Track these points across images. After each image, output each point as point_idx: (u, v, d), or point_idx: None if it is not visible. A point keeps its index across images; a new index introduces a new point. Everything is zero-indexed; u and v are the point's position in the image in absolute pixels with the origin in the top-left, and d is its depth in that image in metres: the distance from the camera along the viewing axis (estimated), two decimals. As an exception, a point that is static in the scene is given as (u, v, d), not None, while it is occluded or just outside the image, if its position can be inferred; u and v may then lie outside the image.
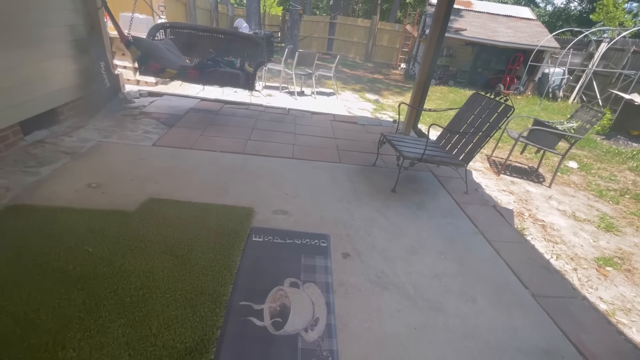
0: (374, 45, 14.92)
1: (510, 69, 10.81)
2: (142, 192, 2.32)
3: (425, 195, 2.92)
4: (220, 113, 4.29)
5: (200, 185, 2.55)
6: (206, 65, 3.61)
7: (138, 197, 2.26)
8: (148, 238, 1.90)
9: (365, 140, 4.02)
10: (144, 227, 1.99)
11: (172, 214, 2.15)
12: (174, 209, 2.20)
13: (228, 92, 5.52)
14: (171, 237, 1.93)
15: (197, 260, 1.80)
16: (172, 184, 2.51)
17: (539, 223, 2.95)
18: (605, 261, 2.53)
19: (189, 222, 2.09)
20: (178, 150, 3.07)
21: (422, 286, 1.88)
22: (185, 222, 2.09)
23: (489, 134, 2.82)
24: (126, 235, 1.89)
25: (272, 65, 6.48)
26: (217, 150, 3.18)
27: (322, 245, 2.09)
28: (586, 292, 2.19)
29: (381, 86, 9.41)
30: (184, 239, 1.93)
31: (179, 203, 2.28)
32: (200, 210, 2.23)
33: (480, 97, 3.19)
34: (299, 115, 4.65)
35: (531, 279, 2.08)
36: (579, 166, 4.51)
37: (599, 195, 3.70)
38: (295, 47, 10.41)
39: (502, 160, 4.07)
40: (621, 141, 5.72)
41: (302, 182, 2.83)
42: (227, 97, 5.19)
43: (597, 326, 1.83)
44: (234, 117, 4.19)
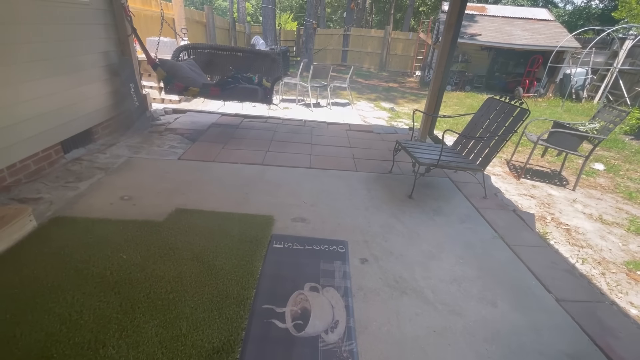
0: (388, 54, 15.04)
1: (529, 71, 10.59)
2: (170, 203, 2.47)
3: (443, 200, 2.92)
4: (240, 127, 4.48)
5: (223, 195, 2.68)
6: (226, 83, 3.81)
7: (166, 208, 2.41)
8: (176, 246, 2.02)
9: (381, 149, 4.07)
10: (172, 235, 2.12)
11: (198, 223, 2.28)
12: (199, 219, 2.33)
13: (247, 107, 5.75)
14: (197, 245, 2.05)
15: (222, 266, 1.90)
16: (197, 195, 2.65)
17: (562, 227, 2.88)
18: (636, 265, 2.44)
19: (214, 231, 2.21)
20: (201, 163, 3.24)
21: (440, 290, 1.89)
22: (210, 230, 2.21)
23: (505, 138, 2.80)
24: (156, 244, 2.03)
25: (289, 79, 6.69)
26: (238, 162, 3.32)
27: (340, 251, 2.15)
28: (615, 296, 2.12)
29: (396, 94, 9.45)
30: (209, 247, 2.04)
31: (204, 213, 2.41)
32: (223, 219, 2.35)
33: (495, 101, 3.19)
34: (315, 126, 4.77)
35: (554, 283, 2.04)
36: (605, 168, 4.35)
37: (629, 198, 3.56)
38: (310, 61, 10.67)
39: (522, 164, 4.00)
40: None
41: (320, 190, 2.91)
42: (247, 111, 5.41)
43: (627, 331, 1.77)
44: (253, 130, 4.36)
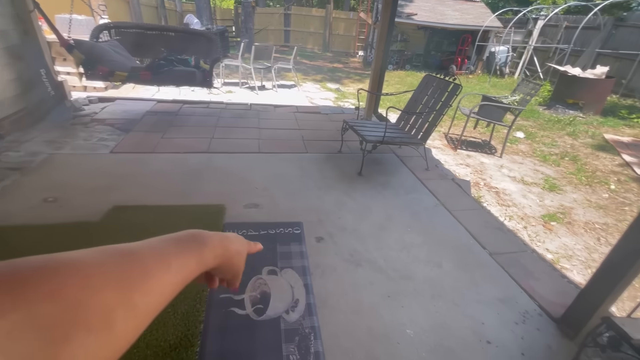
0: (331, 34, 14.96)
1: (460, 49, 11.35)
2: (106, 201, 2.25)
3: (390, 175, 3.08)
4: (179, 114, 4.17)
5: (167, 187, 2.51)
6: (159, 66, 3.48)
7: (101, 206, 2.19)
8: (118, 246, 1.86)
9: (330, 129, 4.11)
10: (111, 235, 1.94)
11: (141, 219, 2.12)
12: (143, 215, 2.16)
13: (186, 92, 5.36)
14: (142, 242, 1.91)
15: (172, 261, 1.80)
16: (138, 189, 2.45)
17: (493, 190, 3.22)
18: (550, 217, 2.84)
19: (160, 226, 2.07)
20: (139, 155, 2.97)
21: (392, 258, 2.02)
22: (155, 226, 2.06)
23: (442, 112, 3.01)
24: (93, 246, 1.84)
25: (229, 61, 6.34)
26: (181, 151, 3.12)
27: (295, 232, 2.15)
28: (535, 245, 2.45)
29: (341, 75, 9.53)
30: (156, 242, 1.92)
31: (147, 208, 2.24)
32: (169, 213, 2.21)
33: (432, 78, 3.38)
34: (262, 110, 4.64)
35: (488, 240, 2.29)
36: (525, 135, 4.92)
37: (543, 160, 4.08)
38: (251, 41, 10.20)
39: (458, 136, 4.34)
40: (560, 109, 6.28)
41: (271, 174, 2.86)
42: (185, 96, 5.04)
43: (545, 273, 2.07)
44: (195, 117, 4.10)
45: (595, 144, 4.75)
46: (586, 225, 2.78)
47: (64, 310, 0.21)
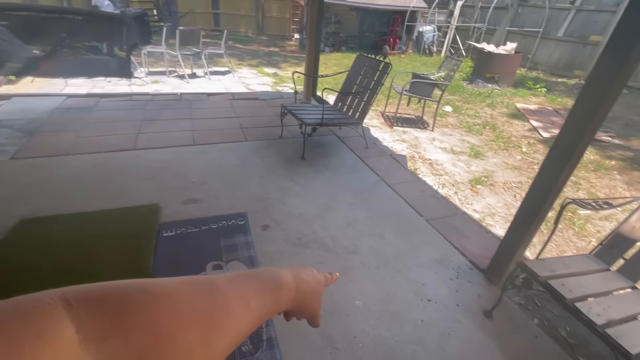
0: (264, 17, 14.42)
1: (391, 30, 11.76)
2: (9, 215, 1.94)
3: (332, 156, 3.12)
4: (96, 109, 3.71)
5: (89, 192, 2.24)
6: (62, 54, 3.03)
7: (4, 222, 1.88)
8: (30, 263, 1.63)
9: (269, 115, 4.01)
10: (20, 252, 1.69)
11: (59, 230, 1.87)
12: (60, 226, 1.91)
13: (103, 84, 4.77)
14: (61, 257, 1.69)
15: (101, 272, 1.63)
16: (51, 198, 2.15)
17: (427, 162, 3.46)
18: (476, 181, 3.15)
19: (84, 235, 1.85)
20: (49, 159, 2.60)
21: (338, 236, 2.07)
22: (77, 236, 1.84)
23: (375, 91, 3.10)
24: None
25: (152, 48, 5.76)
26: (102, 150, 2.79)
27: (240, 223, 2.10)
28: (465, 208, 2.71)
29: (278, 59, 9.29)
30: (79, 254, 1.71)
31: (66, 217, 1.98)
32: (95, 219, 1.99)
33: (364, 58, 3.45)
34: (194, 99, 4.34)
35: (424, 208, 2.47)
36: (452, 109, 5.33)
37: (469, 131, 4.48)
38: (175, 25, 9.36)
39: (394, 114, 4.55)
40: (480, 83, 6.91)
41: (209, 166, 2.72)
42: (103, 89, 4.49)
43: (473, 231, 2.31)
44: (116, 112, 3.68)
45: (509, 113, 5.34)
46: (505, 185, 3.14)
47: (154, 342, 0.22)
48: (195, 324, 0.25)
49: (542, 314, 1.73)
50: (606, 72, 1.30)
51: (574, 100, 1.41)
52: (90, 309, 0.20)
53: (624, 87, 1.45)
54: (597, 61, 1.33)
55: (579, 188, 3.19)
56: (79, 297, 0.21)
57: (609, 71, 1.29)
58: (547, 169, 1.54)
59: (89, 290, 0.22)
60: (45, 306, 0.19)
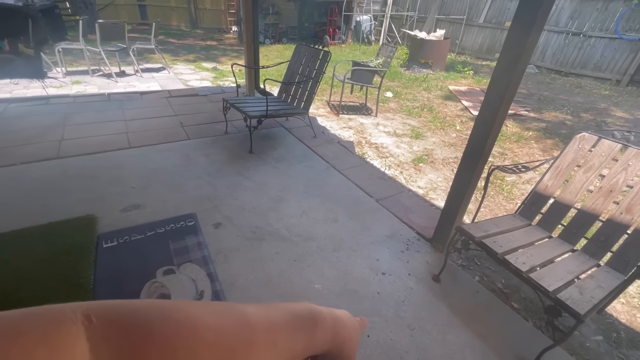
0: (197, 9, 13.61)
1: (330, 20, 11.88)
2: None
3: (281, 148, 3.10)
4: (5, 116, 3.23)
5: (7, 210, 1.97)
6: (-50, 54, 2.57)
7: None
8: (-63, 299, 1.39)
9: (211, 111, 3.84)
10: None
11: (-31, 257, 1.62)
12: (-29, 251, 1.66)
13: (10, 87, 4.15)
14: (-21, 285, 1.47)
15: (33, 293, 1.46)
16: (-45, 222, 1.84)
17: (373, 146, 3.60)
18: (419, 160, 3.36)
19: (6, 258, 1.63)
20: (-52, 178, 2.22)
21: (293, 225, 2.09)
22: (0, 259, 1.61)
23: (318, 79, 3.13)
24: None
25: (68, 45, 5.13)
26: (17, 162, 2.46)
27: (189, 224, 2.01)
28: (410, 186, 2.89)
29: (217, 52, 8.88)
30: (7, 278, 1.51)
31: (-23, 242, 1.72)
32: (15, 240, 1.76)
33: (304, 47, 3.45)
34: (125, 99, 3.99)
35: (374, 190, 2.59)
36: (393, 95, 5.60)
37: (409, 114, 4.75)
38: (94, 18, 8.45)
39: (338, 102, 4.64)
40: (416, 69, 7.33)
41: (150, 169, 2.54)
42: (11, 93, 3.92)
43: (419, 206, 2.48)
44: (30, 117, 3.25)
45: (444, 95, 5.75)
46: (443, 161, 3.40)
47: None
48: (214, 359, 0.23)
49: (482, 271, 1.93)
50: (512, 52, 1.46)
51: (489, 80, 1.57)
52: (109, 330, 0.20)
53: (527, 65, 1.64)
54: (504, 43, 1.49)
55: (505, 158, 3.58)
56: (101, 314, 0.20)
57: (513, 51, 1.46)
58: (474, 141, 1.71)
59: (113, 309, 0.22)
60: (65, 320, 0.19)
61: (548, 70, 8.01)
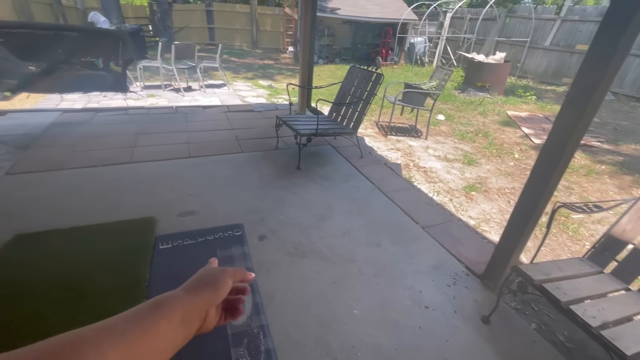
0: (258, 30, 14.66)
1: (383, 42, 12.01)
2: (3, 230, 1.92)
3: (327, 166, 3.15)
4: (92, 123, 3.72)
5: (84, 207, 2.23)
6: (58, 70, 3.05)
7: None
8: (24, 280, 1.61)
9: (264, 126, 4.04)
10: (14, 269, 1.67)
11: (53, 245, 1.86)
12: (55, 240, 1.90)
13: (98, 99, 4.79)
14: (58, 272, 1.68)
15: (98, 286, 1.62)
16: (45, 213, 2.13)
17: (421, 170, 3.49)
18: (470, 188, 3.18)
19: (78, 250, 1.84)
20: (45, 174, 2.59)
21: (335, 245, 2.08)
22: (72, 250, 1.83)
23: (369, 101, 3.15)
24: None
25: (148, 62, 5.83)
26: (98, 164, 2.79)
27: (236, 234, 2.08)
28: (460, 214, 2.73)
29: (273, 71, 9.41)
30: (75, 270, 1.70)
31: (59, 232, 1.97)
32: (89, 234, 1.98)
33: (357, 69, 3.52)
34: (190, 112, 4.37)
35: (420, 216, 2.49)
36: (445, 117, 5.42)
37: (461, 138, 4.55)
38: (170, 40, 9.51)
39: (387, 123, 4.61)
40: (471, 92, 7.05)
41: (205, 179, 2.73)
42: (99, 104, 4.52)
43: (469, 238, 2.33)
44: (112, 126, 3.70)
45: (501, 120, 5.43)
46: (499, 191, 3.18)
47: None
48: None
49: (540, 319, 1.73)
50: (588, 79, 1.35)
51: (559, 108, 1.46)
52: None
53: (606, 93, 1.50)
54: (579, 69, 1.38)
55: (572, 192, 3.24)
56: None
57: (590, 78, 1.34)
58: (538, 174, 1.58)
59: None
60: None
61: (627, 97, 7.20)
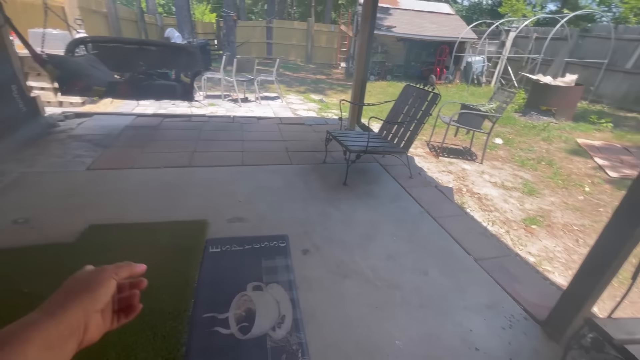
0: (313, 46, 15.21)
1: (438, 60, 11.73)
2: (81, 220, 2.15)
3: (374, 184, 3.09)
4: (160, 128, 4.09)
5: (147, 204, 2.43)
6: (138, 80, 3.43)
7: (76, 226, 2.09)
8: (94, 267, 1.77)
9: (314, 140, 4.12)
10: (87, 256, 1.85)
11: (119, 238, 2.03)
12: (120, 233, 2.08)
13: (167, 105, 5.28)
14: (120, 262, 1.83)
15: (152, 281, 1.71)
16: (115, 207, 2.36)
17: (475, 196, 3.28)
18: (531, 220, 2.91)
19: (138, 244, 1.99)
20: (118, 172, 2.88)
21: (379, 268, 2.01)
22: (134, 244, 1.99)
23: (423, 121, 3.07)
24: (68, 269, 1.73)
25: (211, 74, 6.32)
26: (161, 166, 3.04)
27: (281, 245, 2.13)
28: (518, 249, 2.50)
29: (325, 86, 9.64)
30: (136, 261, 1.83)
31: (125, 226, 2.15)
32: (149, 230, 2.14)
33: (412, 88, 3.46)
34: (245, 122, 4.61)
35: (472, 246, 2.32)
36: (503, 142, 5.08)
37: (521, 165, 4.21)
38: (233, 54, 10.22)
39: (440, 144, 4.44)
40: (534, 116, 6.54)
41: (255, 187, 2.83)
42: (166, 110, 4.97)
43: (528, 276, 2.11)
44: (176, 131, 4.03)
45: (569, 149, 4.95)
46: (565, 227, 2.86)
47: None
48: None
49: (616, 384, 1.49)
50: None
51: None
52: None
53: None
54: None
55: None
56: None
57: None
58: (622, 216, 1.38)
59: None
60: None
61: None
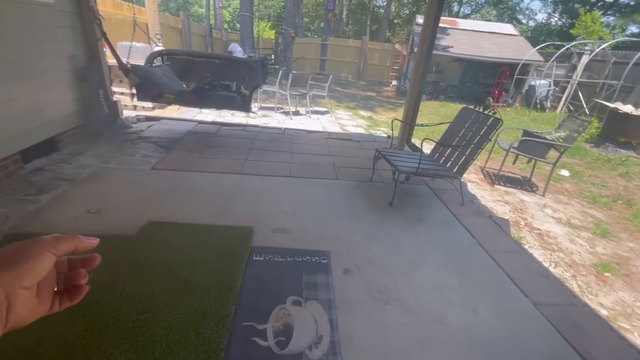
0: (365, 63, 15.36)
1: (497, 82, 11.14)
2: (142, 215, 2.34)
3: (423, 208, 2.96)
4: (217, 135, 4.37)
5: (200, 206, 2.57)
6: (203, 90, 3.71)
7: (138, 221, 2.27)
8: (149, 262, 1.90)
9: (361, 157, 4.09)
10: (144, 250, 1.99)
11: (173, 236, 2.17)
12: (175, 232, 2.22)
13: (225, 114, 5.63)
14: (172, 260, 1.94)
15: (199, 282, 1.80)
16: (172, 206, 2.53)
17: (535, 231, 2.99)
18: (604, 267, 2.56)
19: (190, 244, 2.10)
20: (177, 173, 3.11)
21: (424, 299, 1.89)
22: (185, 244, 2.10)
23: (480, 146, 2.89)
24: (127, 260, 1.90)
25: (267, 87, 6.65)
26: (216, 171, 3.22)
27: (322, 262, 2.11)
28: (587, 298, 2.20)
29: (374, 103, 9.63)
30: (185, 261, 1.94)
31: (179, 225, 2.29)
32: (200, 232, 2.25)
33: (470, 111, 3.30)
34: (295, 135, 4.74)
35: (531, 288, 2.09)
36: (570, 174, 4.60)
37: (593, 202, 3.76)
38: (288, 69, 10.68)
39: (496, 171, 4.15)
40: (610, 148, 5.86)
41: (301, 200, 2.86)
42: (224, 119, 5.30)
43: (600, 332, 1.84)
44: (231, 139, 4.27)
45: (653, 188, 4.33)
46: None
47: None
48: None
49: None
50: None
51: None
52: None
53: None
54: None
55: None
56: None
57: None
58: None
59: None
60: None
61: None
